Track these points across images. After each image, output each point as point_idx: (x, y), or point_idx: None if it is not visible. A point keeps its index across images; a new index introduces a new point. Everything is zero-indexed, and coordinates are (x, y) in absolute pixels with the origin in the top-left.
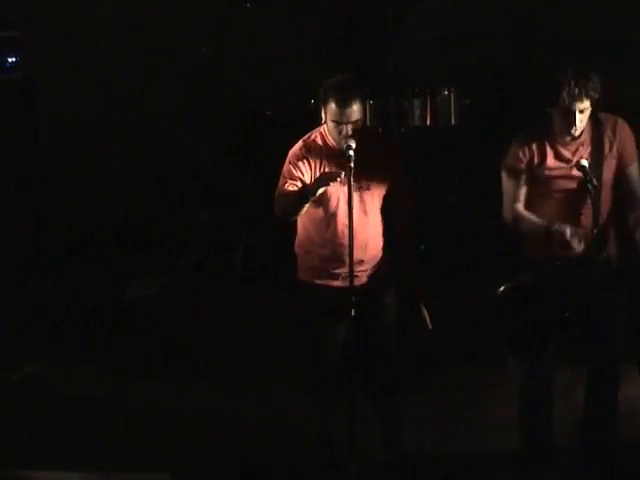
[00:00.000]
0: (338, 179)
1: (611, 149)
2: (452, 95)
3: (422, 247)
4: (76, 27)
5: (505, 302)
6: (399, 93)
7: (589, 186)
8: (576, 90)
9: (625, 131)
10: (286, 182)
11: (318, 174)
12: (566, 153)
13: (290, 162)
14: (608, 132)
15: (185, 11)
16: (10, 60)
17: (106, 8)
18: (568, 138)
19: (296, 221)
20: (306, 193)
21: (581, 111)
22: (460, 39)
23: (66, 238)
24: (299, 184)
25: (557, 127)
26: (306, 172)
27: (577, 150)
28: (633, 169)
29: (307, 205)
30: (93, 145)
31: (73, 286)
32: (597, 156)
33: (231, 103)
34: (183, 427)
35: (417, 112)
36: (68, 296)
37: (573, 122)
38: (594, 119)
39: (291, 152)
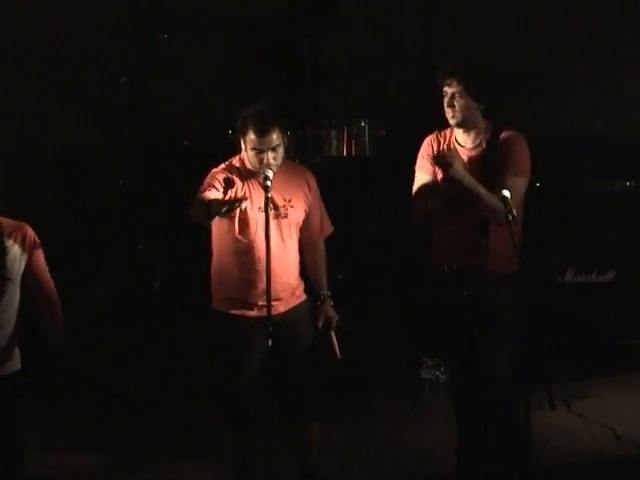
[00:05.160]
0: (238, 205)
1: (497, 158)
2: (368, 126)
3: (339, 277)
4: None
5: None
6: (316, 124)
7: (509, 216)
8: (442, 69)
9: (515, 144)
10: (204, 189)
11: (237, 194)
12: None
13: (210, 176)
14: (500, 142)
15: (104, 41)
16: None
17: (26, 38)
18: (457, 130)
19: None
20: (210, 211)
21: (452, 95)
22: (377, 70)
23: None
24: (216, 192)
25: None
26: (224, 188)
27: (473, 156)
28: (511, 181)
29: (215, 219)
30: (10, 171)
31: None
32: (486, 165)
33: (149, 133)
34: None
35: (334, 142)
36: None
37: (446, 104)
38: (495, 132)
39: (211, 172)
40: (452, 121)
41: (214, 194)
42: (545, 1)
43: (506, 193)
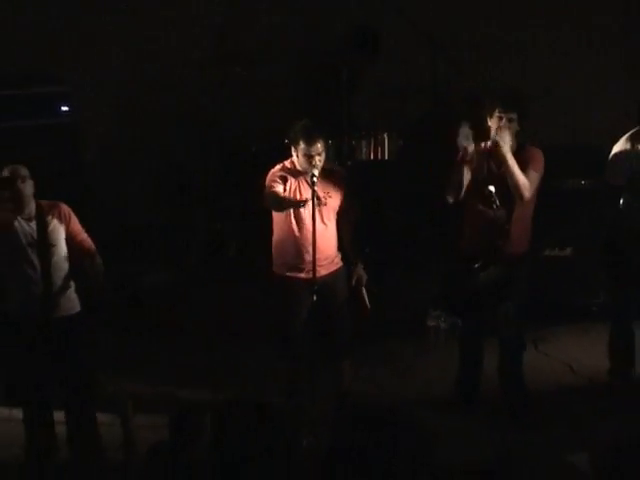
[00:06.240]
0: (304, 204)
1: (520, 161)
2: (390, 137)
3: (367, 250)
4: (111, 84)
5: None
6: (350, 135)
7: (494, 206)
8: (502, 99)
9: (533, 152)
10: (271, 186)
11: (291, 187)
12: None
13: (272, 174)
14: (523, 152)
15: (194, 72)
16: (63, 109)
17: (136, 71)
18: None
19: (272, 229)
20: (284, 204)
21: (509, 120)
22: (397, 95)
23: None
24: (280, 185)
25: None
26: (283, 183)
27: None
28: (530, 173)
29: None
30: (127, 175)
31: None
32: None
33: (226, 142)
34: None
35: (363, 149)
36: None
37: (506, 128)
38: (520, 146)
39: (271, 172)
40: (503, 140)
41: (281, 189)
42: (527, 40)
43: (491, 188)
